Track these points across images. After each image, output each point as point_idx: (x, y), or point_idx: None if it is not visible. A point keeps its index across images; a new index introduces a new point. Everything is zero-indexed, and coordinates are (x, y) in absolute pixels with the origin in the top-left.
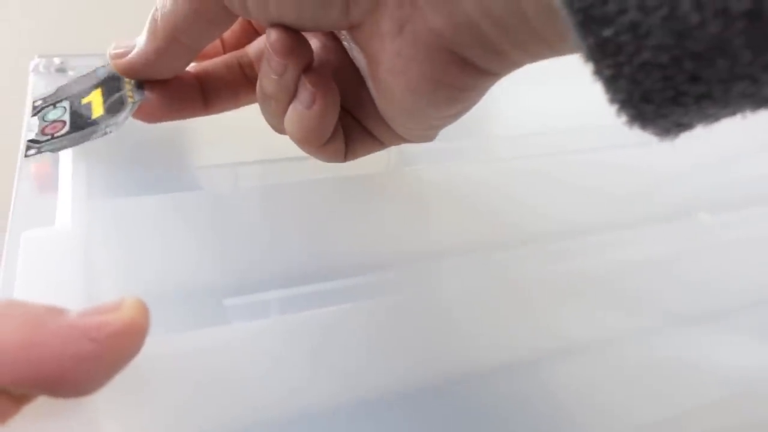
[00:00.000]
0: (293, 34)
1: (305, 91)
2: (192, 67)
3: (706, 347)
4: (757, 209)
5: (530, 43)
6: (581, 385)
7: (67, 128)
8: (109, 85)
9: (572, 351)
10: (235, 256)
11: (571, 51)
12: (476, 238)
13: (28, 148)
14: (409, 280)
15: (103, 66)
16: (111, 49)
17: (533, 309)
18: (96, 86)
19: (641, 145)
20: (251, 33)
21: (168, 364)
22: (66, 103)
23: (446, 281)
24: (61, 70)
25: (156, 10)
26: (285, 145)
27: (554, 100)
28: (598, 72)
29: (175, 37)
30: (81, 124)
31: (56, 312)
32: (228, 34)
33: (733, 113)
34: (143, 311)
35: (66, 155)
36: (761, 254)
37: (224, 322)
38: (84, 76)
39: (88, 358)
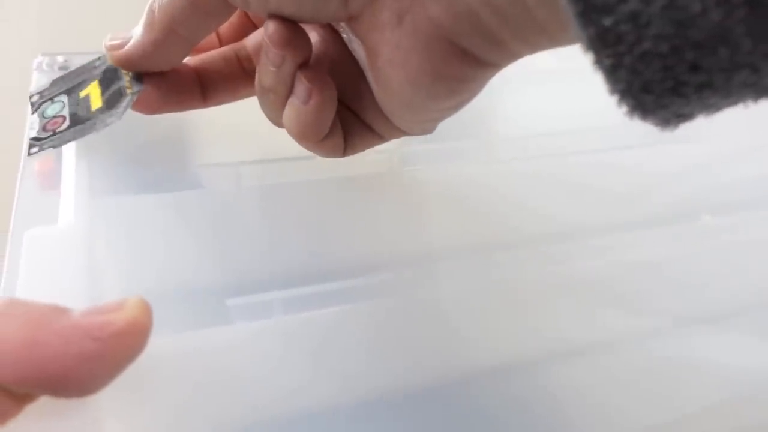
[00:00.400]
0: (291, 26)
1: (301, 86)
2: (190, 60)
3: (707, 349)
4: (758, 210)
5: (530, 33)
6: (581, 388)
7: (67, 123)
8: (107, 77)
9: (572, 353)
10: (238, 255)
11: (571, 41)
12: (476, 239)
13: (30, 146)
14: (410, 282)
15: (99, 58)
16: (107, 41)
17: (534, 311)
18: (93, 79)
19: (642, 147)
20: (248, 26)
21: (170, 364)
22: (64, 98)
23: (446, 283)
24: (64, 68)
25: (153, 1)
26: (288, 145)
27: (555, 101)
28: (599, 62)
29: (173, 29)
30: (81, 117)
31: (59, 311)
32: (225, 27)
33: (735, 103)
34: (146, 311)
35: (69, 153)
36: (762, 256)
37: (227, 322)
38: (79, 68)
39: (92, 358)
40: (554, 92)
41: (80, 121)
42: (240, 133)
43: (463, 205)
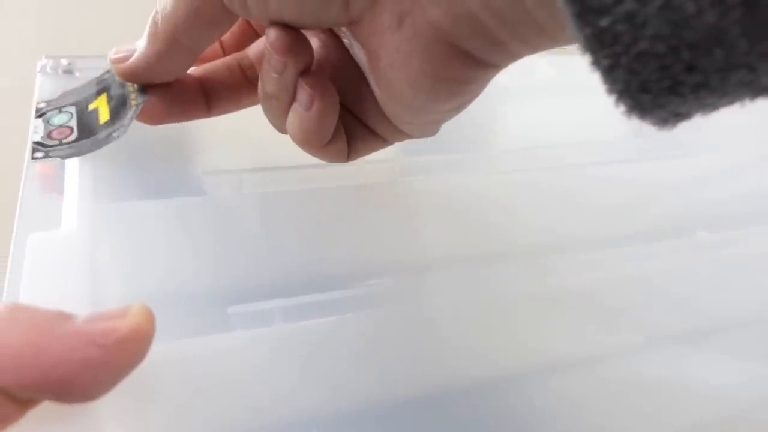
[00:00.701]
0: (293, 32)
1: (303, 93)
2: (193, 70)
3: (696, 366)
4: (750, 226)
5: (530, 35)
6: (570, 402)
7: (75, 135)
8: (113, 89)
9: (565, 367)
10: (239, 262)
11: (570, 41)
12: (475, 250)
13: (34, 150)
14: (410, 291)
15: (107, 71)
16: (111, 54)
17: (529, 323)
18: (101, 92)
19: (641, 161)
20: (251, 35)
21: (171, 370)
22: (72, 109)
23: (446, 293)
24: (68, 71)
25: (156, 12)
26: (290, 153)
27: (555, 114)
28: (596, 62)
29: (176, 39)
30: (89, 131)
31: (63, 317)
32: (227, 36)
33: (731, 102)
34: (149, 317)
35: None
36: (753, 273)
37: (227, 329)
38: (88, 82)
39: (95, 364)
40: (554, 105)
41: (88, 135)
42: (243, 140)
43: (462, 216)
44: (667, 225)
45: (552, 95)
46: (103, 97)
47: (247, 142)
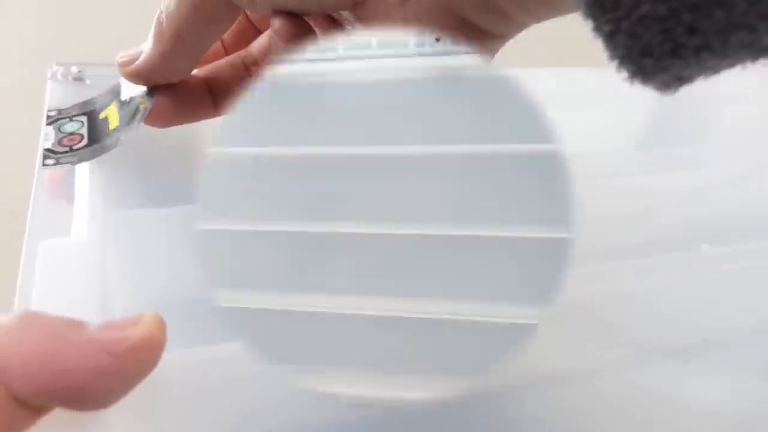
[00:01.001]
0: (297, 20)
1: None
2: (198, 70)
3: (696, 381)
4: (754, 240)
5: (533, 5)
6: (567, 415)
7: (85, 141)
8: (123, 96)
9: (561, 379)
10: None
11: (572, 10)
12: None
13: (45, 157)
14: None
15: (118, 82)
16: (118, 58)
17: None
18: (111, 100)
19: (642, 173)
20: (252, 33)
21: (182, 377)
22: (83, 118)
23: None
24: (78, 78)
25: (161, 12)
26: None
27: (557, 124)
28: (597, 28)
29: (180, 37)
30: (98, 137)
31: (75, 325)
32: (229, 35)
33: (733, 65)
34: (161, 326)
35: (81, 165)
36: (756, 287)
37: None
38: (99, 94)
39: (107, 372)
40: (556, 116)
41: (98, 141)
42: None
43: None
44: (669, 238)
45: (552, 106)
46: (113, 105)
47: None
